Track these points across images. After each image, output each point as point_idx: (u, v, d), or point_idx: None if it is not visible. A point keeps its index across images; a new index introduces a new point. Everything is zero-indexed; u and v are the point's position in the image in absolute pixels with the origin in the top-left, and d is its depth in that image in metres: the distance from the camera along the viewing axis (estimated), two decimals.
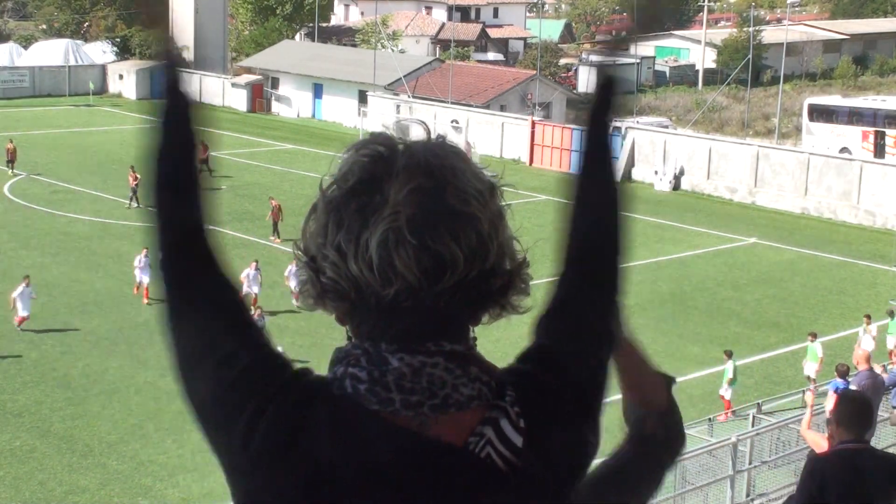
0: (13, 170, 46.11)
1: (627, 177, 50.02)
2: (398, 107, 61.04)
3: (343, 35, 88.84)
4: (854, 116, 56.04)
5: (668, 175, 48.88)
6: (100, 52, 77.20)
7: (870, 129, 55.17)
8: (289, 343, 24.92)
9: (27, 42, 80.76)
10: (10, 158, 46.42)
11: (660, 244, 37.01)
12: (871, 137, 54.92)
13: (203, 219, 1.83)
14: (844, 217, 44.25)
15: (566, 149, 51.90)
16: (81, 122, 61.44)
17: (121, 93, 72.30)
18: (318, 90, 67.18)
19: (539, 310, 1.89)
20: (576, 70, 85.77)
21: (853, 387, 15.51)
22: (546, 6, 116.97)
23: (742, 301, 32.35)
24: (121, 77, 72.88)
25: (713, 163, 48.48)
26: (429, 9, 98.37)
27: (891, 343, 27.32)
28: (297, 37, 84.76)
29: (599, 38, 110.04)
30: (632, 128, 52.34)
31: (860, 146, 54.51)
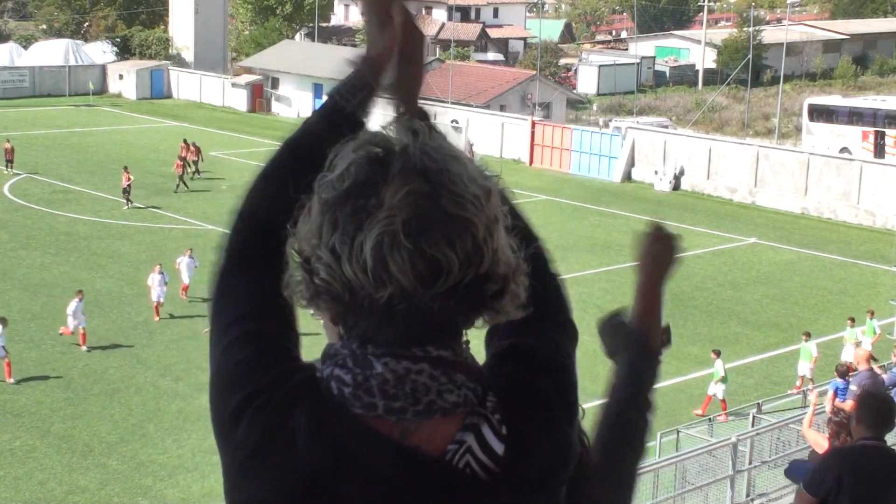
0: (12, 169, 46.19)
1: (627, 177, 50.09)
2: (398, 107, 61.08)
3: (343, 35, 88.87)
4: (854, 116, 56.04)
5: (668, 175, 48.88)
6: (100, 52, 77.21)
7: (870, 129, 55.18)
8: None
9: (27, 42, 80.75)
10: (9, 158, 46.57)
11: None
12: (871, 137, 54.93)
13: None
14: (844, 217, 44.25)
15: (566, 149, 51.94)
16: (81, 122, 61.44)
17: (121, 93, 72.29)
18: (318, 90, 67.20)
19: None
20: (576, 70, 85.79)
21: (853, 387, 15.50)
22: (546, 6, 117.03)
23: (742, 301, 32.34)
24: (121, 77, 72.87)
25: (713, 163, 48.49)
26: (429, 9, 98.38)
27: (851, 354, 26.39)
28: (298, 37, 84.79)
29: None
30: (632, 128, 52.36)
31: (860, 146, 54.52)
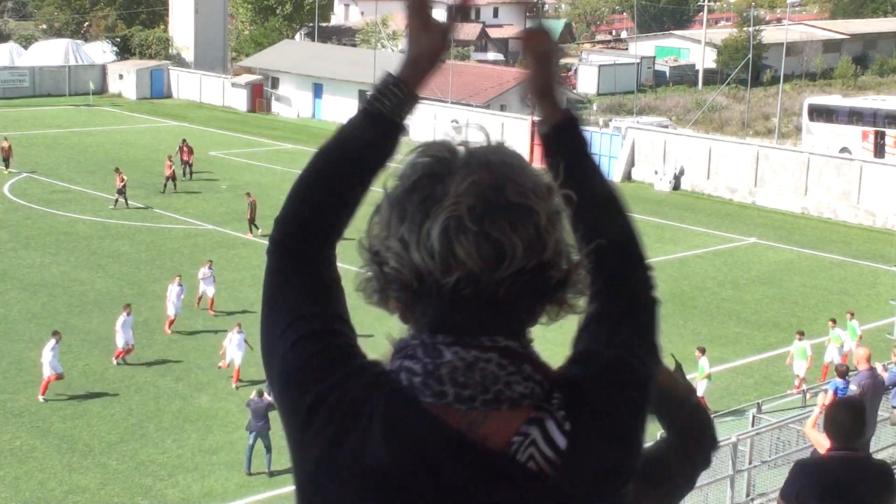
0: (9, 168, 46.27)
1: (627, 177, 50.05)
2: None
3: (343, 35, 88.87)
4: (854, 116, 56.01)
5: (668, 175, 48.87)
6: (100, 52, 77.22)
7: (870, 129, 55.15)
8: None
9: (27, 42, 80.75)
10: (5, 157, 46.67)
11: (660, 244, 36.99)
12: (871, 137, 54.90)
13: (340, 225, 2.03)
14: (844, 217, 44.25)
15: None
16: (81, 122, 61.44)
17: (121, 93, 72.29)
18: (318, 90, 67.20)
19: (579, 320, 1.92)
20: (576, 70, 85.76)
21: (853, 387, 15.50)
22: (546, 6, 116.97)
23: (742, 301, 32.33)
24: (121, 77, 72.88)
25: (713, 163, 48.48)
26: None
27: (835, 354, 25.98)
28: (297, 37, 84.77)
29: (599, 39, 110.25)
30: (632, 128, 52.35)
31: (860, 146, 54.49)
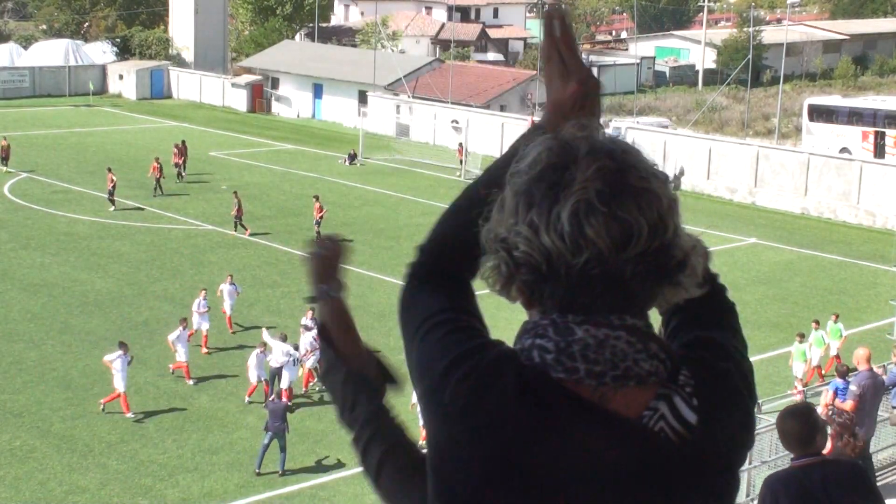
0: (7, 167, 46.36)
1: None
2: (398, 107, 61.05)
3: (343, 35, 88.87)
4: (854, 116, 56.00)
5: (668, 175, 48.81)
6: (100, 53, 77.21)
7: (869, 130, 55.14)
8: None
9: (27, 42, 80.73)
10: (4, 156, 46.78)
11: None
12: (871, 137, 54.89)
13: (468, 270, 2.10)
14: (844, 217, 44.26)
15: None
16: (81, 123, 61.44)
17: (121, 93, 72.30)
18: (318, 90, 67.19)
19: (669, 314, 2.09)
20: None
21: (853, 387, 15.49)
22: (546, 6, 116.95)
23: (742, 301, 32.12)
24: (121, 77, 72.88)
25: (713, 163, 48.49)
26: (429, 9, 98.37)
27: (818, 356, 25.93)
28: (297, 37, 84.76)
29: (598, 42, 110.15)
30: (632, 128, 52.35)
31: (860, 146, 54.49)
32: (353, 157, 51.77)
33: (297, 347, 24.30)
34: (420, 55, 78.89)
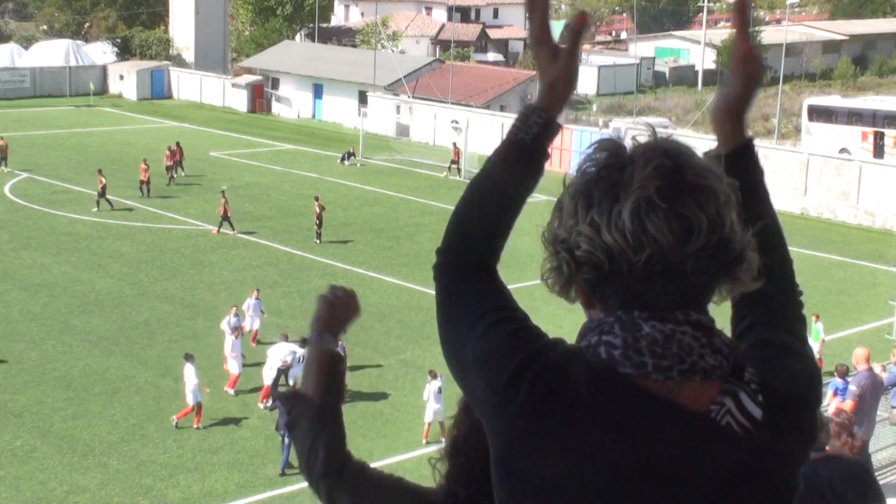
0: (6, 167, 46.42)
1: None
2: (398, 107, 61.08)
3: (343, 35, 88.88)
4: (853, 117, 56.02)
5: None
6: (100, 53, 77.25)
7: (869, 130, 55.17)
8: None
9: (28, 43, 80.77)
10: (2, 155, 46.91)
11: None
12: (871, 138, 54.92)
13: (496, 248, 2.11)
14: (844, 217, 44.29)
15: (566, 149, 51.95)
16: (82, 123, 61.47)
17: (121, 93, 72.33)
18: (319, 90, 67.22)
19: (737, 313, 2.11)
20: None
21: (852, 387, 15.53)
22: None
23: None
24: (121, 77, 72.91)
25: None
26: (429, 9, 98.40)
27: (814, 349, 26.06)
28: (298, 37, 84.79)
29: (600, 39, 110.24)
30: (631, 128, 52.38)
31: (859, 146, 54.51)
32: (351, 156, 51.60)
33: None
34: (420, 55, 78.91)
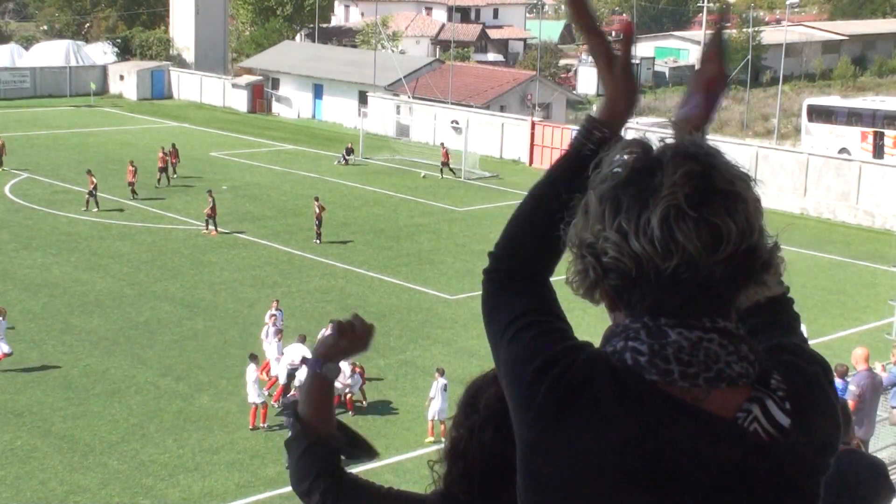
0: (2, 167, 46.44)
1: None
2: (398, 107, 61.09)
3: (343, 36, 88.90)
4: (853, 117, 56.06)
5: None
6: (101, 53, 77.27)
7: (868, 130, 55.20)
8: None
9: (28, 43, 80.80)
10: None
11: None
12: (870, 138, 54.95)
13: (551, 257, 2.12)
14: (843, 217, 44.31)
15: (566, 149, 51.95)
16: (82, 123, 61.49)
17: (121, 93, 72.35)
18: (319, 91, 67.23)
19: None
20: (575, 71, 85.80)
21: (852, 387, 15.54)
22: (546, 7, 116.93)
23: None
24: (122, 78, 72.92)
25: None
26: (429, 10, 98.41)
27: None
28: (298, 37, 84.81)
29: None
30: (631, 129, 52.37)
31: (859, 147, 54.54)
32: (350, 153, 51.43)
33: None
34: (420, 56, 78.92)
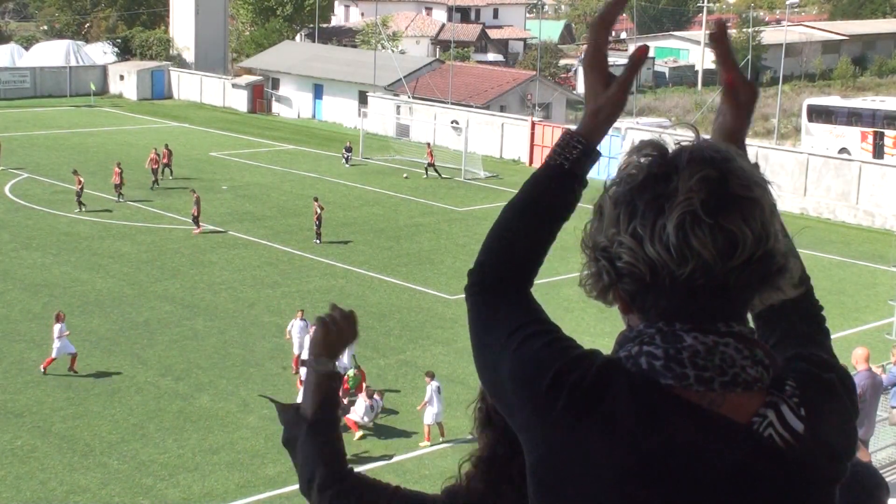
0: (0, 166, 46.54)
1: None
2: (398, 107, 61.10)
3: (343, 36, 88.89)
4: (853, 117, 56.08)
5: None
6: (101, 53, 77.29)
7: (868, 130, 55.22)
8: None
9: (28, 43, 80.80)
10: None
11: None
12: (870, 138, 54.97)
13: (532, 269, 2.11)
14: (843, 217, 44.32)
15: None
16: (82, 123, 61.49)
17: (122, 93, 72.36)
18: (319, 91, 67.24)
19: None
20: (575, 71, 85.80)
21: None
22: (546, 7, 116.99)
23: None
24: (122, 78, 72.94)
25: None
26: (429, 10, 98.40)
27: None
28: (298, 38, 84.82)
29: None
30: (631, 129, 52.39)
31: (859, 147, 54.56)
32: (349, 151, 51.44)
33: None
34: (420, 56, 78.92)
